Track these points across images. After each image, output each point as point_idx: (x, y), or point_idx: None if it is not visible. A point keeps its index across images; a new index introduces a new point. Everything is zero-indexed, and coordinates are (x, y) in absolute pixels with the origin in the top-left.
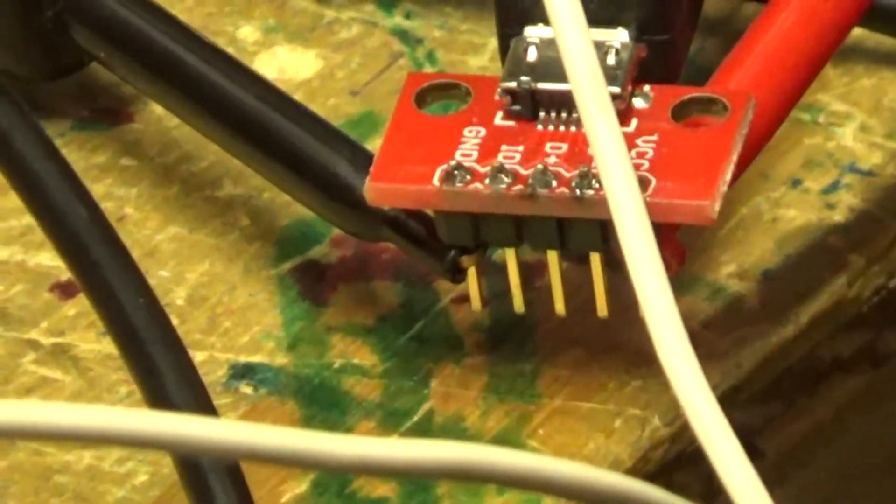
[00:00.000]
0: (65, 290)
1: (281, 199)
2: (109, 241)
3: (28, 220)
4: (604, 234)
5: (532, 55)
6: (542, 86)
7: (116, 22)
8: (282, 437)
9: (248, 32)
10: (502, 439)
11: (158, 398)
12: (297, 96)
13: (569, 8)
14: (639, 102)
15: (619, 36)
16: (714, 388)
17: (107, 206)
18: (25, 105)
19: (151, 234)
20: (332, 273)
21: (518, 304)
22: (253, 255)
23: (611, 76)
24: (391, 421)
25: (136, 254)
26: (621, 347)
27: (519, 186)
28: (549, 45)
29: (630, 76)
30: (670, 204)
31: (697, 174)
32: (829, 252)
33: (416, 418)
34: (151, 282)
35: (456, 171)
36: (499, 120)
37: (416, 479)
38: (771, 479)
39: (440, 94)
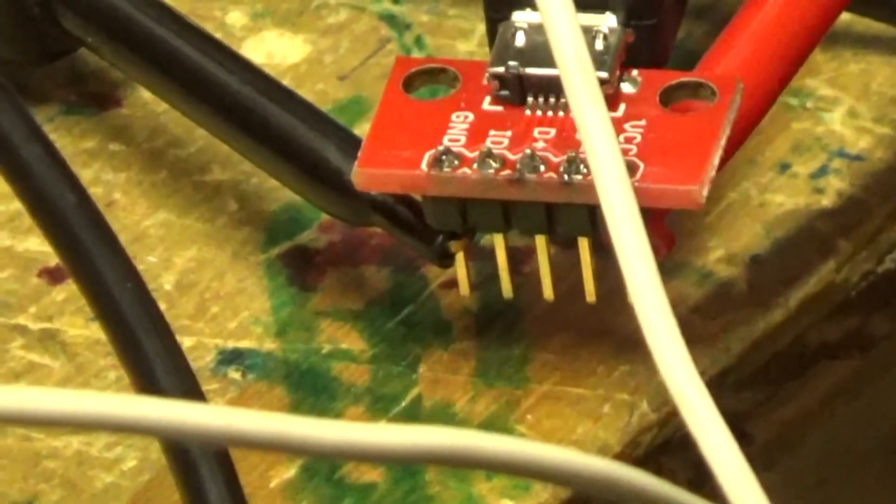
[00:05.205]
0: (53, 276)
1: (269, 185)
2: (98, 226)
3: (16, 205)
4: (592, 219)
5: (520, 40)
6: (529, 71)
7: (104, 7)
8: (270, 423)
9: (236, 17)
10: (491, 425)
11: (147, 384)
12: (285, 81)
13: None
14: (627, 87)
15: (607, 21)
16: (702, 373)
17: (95, 192)
18: (14, 90)
19: (140, 220)
20: (320, 258)
21: (506, 289)
22: (241, 241)
23: (599, 61)
24: (379, 406)
25: (124, 239)
26: (610, 332)
27: (507, 171)
28: (536, 29)
29: (618, 61)
30: (658, 189)
31: (685, 159)
32: (818, 237)
33: (404, 404)
34: (140, 267)
35: (444, 156)
36: (487, 105)
37: (404, 465)
38: (759, 464)
39: (428, 78)
